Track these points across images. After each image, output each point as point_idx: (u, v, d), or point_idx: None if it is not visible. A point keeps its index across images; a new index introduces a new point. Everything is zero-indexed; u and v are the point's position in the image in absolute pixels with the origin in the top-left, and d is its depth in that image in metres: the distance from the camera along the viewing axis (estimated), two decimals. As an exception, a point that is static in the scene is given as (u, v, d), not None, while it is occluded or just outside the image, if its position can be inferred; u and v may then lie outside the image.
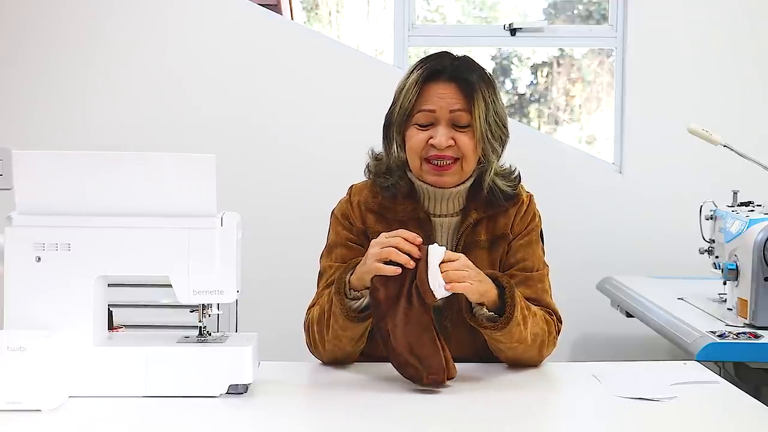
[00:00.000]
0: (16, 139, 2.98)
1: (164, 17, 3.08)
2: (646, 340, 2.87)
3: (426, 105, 1.70)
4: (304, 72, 3.09)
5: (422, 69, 1.73)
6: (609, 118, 3.36)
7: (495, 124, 1.72)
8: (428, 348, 1.53)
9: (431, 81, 1.71)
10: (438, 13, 3.96)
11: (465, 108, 1.69)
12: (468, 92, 1.69)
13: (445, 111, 1.69)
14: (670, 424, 1.39)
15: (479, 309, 1.62)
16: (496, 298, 1.60)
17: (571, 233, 3.07)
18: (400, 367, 1.54)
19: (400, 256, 1.52)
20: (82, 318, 1.45)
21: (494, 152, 1.73)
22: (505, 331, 1.59)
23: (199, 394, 1.45)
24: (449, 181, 1.73)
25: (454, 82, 1.70)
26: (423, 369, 1.51)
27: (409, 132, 1.73)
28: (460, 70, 1.71)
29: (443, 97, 1.70)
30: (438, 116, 1.70)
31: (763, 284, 2.03)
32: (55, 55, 3.06)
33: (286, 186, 3.09)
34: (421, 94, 1.71)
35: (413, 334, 1.53)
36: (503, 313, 1.60)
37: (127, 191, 1.46)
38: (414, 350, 1.52)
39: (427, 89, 1.71)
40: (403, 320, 1.53)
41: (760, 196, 2.37)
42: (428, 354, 1.52)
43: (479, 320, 1.61)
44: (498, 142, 1.74)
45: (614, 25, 3.21)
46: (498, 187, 1.76)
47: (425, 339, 1.53)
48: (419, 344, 1.52)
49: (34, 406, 1.36)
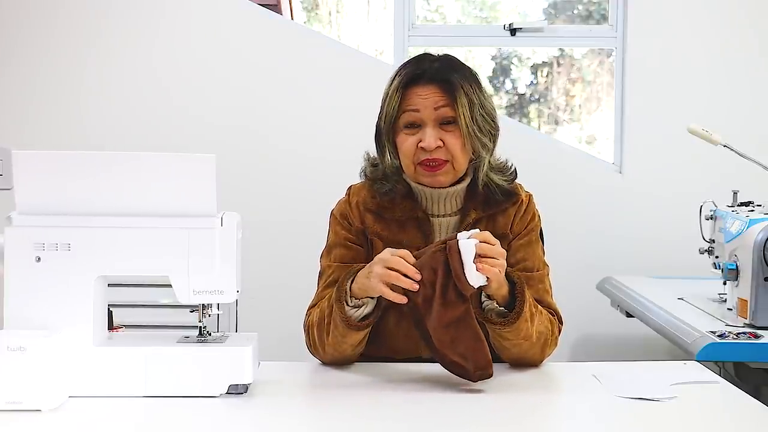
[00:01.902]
0: (16, 139, 2.98)
1: (164, 17, 3.08)
2: (646, 340, 2.87)
3: (409, 106, 1.71)
4: (304, 72, 3.09)
5: (402, 75, 1.73)
6: (609, 118, 3.37)
7: (482, 118, 1.71)
8: (471, 343, 1.53)
9: (412, 84, 1.71)
10: (438, 13, 3.96)
11: (449, 104, 1.69)
12: (449, 90, 1.69)
13: (430, 110, 1.69)
14: (670, 424, 1.39)
15: (489, 303, 1.62)
16: (507, 294, 1.61)
17: (571, 233, 3.07)
18: (447, 366, 1.54)
19: (403, 281, 1.52)
20: (82, 318, 1.45)
21: (484, 147, 1.73)
22: (513, 327, 1.59)
23: (199, 394, 1.45)
24: (443, 180, 1.73)
25: (434, 83, 1.70)
26: (469, 365, 1.52)
27: (399, 138, 1.73)
28: (440, 72, 1.71)
29: (426, 98, 1.70)
30: (424, 117, 1.70)
31: (763, 284, 2.03)
32: (56, 55, 3.06)
33: (285, 186, 3.09)
34: (404, 98, 1.71)
35: (455, 331, 1.53)
36: (512, 308, 1.60)
37: (127, 191, 1.46)
38: (458, 347, 1.52)
39: (409, 93, 1.71)
40: (442, 319, 1.52)
41: (760, 196, 2.37)
42: (472, 349, 1.52)
43: (488, 315, 1.61)
44: (487, 136, 1.73)
45: (614, 25, 3.21)
46: (494, 183, 1.76)
47: (468, 335, 1.53)
48: (462, 340, 1.52)
49: (34, 406, 1.36)
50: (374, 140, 1.79)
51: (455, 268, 1.51)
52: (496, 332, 1.62)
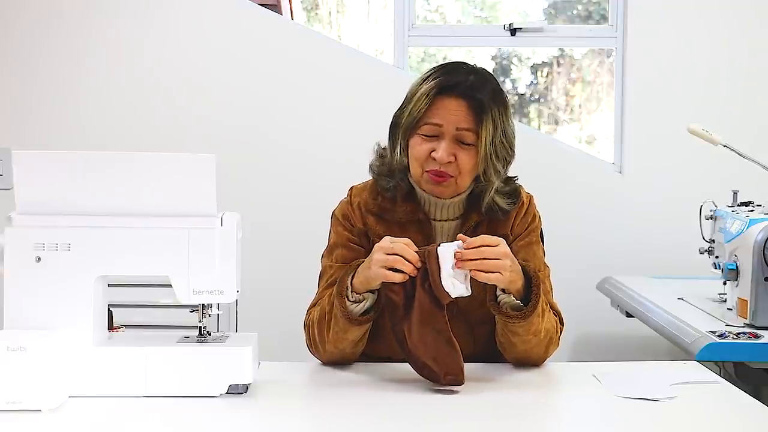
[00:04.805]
0: (16, 139, 2.98)
1: (164, 17, 3.08)
2: (646, 340, 2.87)
3: (434, 119, 1.68)
4: (304, 72, 3.09)
5: (436, 81, 1.69)
6: (609, 118, 3.36)
7: (501, 145, 1.70)
8: (444, 348, 1.53)
9: (443, 94, 1.68)
10: (438, 13, 3.96)
11: (472, 128, 1.67)
12: (478, 112, 1.67)
13: (452, 127, 1.68)
14: (670, 424, 1.39)
15: (504, 297, 1.61)
16: (521, 287, 1.61)
17: (571, 233, 3.07)
18: (418, 369, 1.55)
19: (405, 265, 1.53)
20: (82, 318, 1.45)
21: (496, 173, 1.72)
22: (527, 321, 1.60)
23: (199, 394, 1.45)
24: (445, 192, 1.73)
25: (465, 99, 1.67)
26: (440, 370, 1.52)
27: (414, 140, 1.72)
28: (474, 88, 1.68)
29: (452, 113, 1.67)
30: (444, 131, 1.68)
31: (763, 284, 2.03)
32: (56, 55, 3.06)
33: (286, 186, 3.09)
34: (431, 106, 1.69)
35: (429, 335, 1.53)
36: (528, 301, 1.60)
37: (127, 191, 1.46)
38: (430, 351, 1.53)
39: (438, 102, 1.69)
40: (418, 322, 1.53)
41: (760, 196, 2.37)
42: (444, 354, 1.53)
43: (503, 308, 1.61)
44: (502, 163, 1.72)
45: (614, 25, 3.21)
46: (497, 204, 1.75)
47: (441, 340, 1.53)
48: (435, 345, 1.53)
49: (34, 406, 1.37)
50: (389, 129, 1.78)
51: (433, 274, 1.52)
52: (508, 326, 1.62)
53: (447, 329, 1.54)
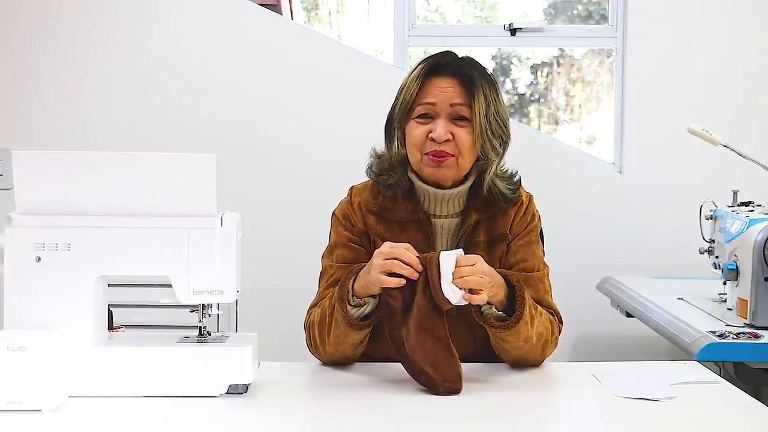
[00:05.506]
0: (16, 139, 2.98)
1: (164, 17, 3.08)
2: (646, 340, 2.87)
3: (426, 98, 1.71)
4: (305, 72, 3.09)
5: (424, 64, 1.74)
6: (609, 118, 3.36)
7: (495, 122, 1.72)
8: (443, 355, 1.53)
9: (433, 75, 1.72)
10: (438, 13, 3.96)
11: (465, 102, 1.70)
12: (469, 87, 1.70)
13: (446, 104, 1.70)
14: (670, 424, 1.39)
15: (488, 308, 1.62)
16: (504, 298, 1.61)
17: (571, 233, 3.07)
18: (415, 375, 1.54)
19: (403, 268, 1.53)
20: (82, 318, 1.45)
21: (494, 151, 1.73)
22: (513, 330, 1.59)
23: (199, 394, 1.45)
24: (447, 174, 1.73)
25: (455, 77, 1.71)
26: (438, 376, 1.51)
27: (409, 126, 1.73)
28: (462, 67, 1.73)
29: (444, 91, 1.70)
30: (438, 109, 1.70)
31: (763, 284, 2.03)
32: (56, 55, 3.06)
33: (286, 186, 3.09)
34: (422, 88, 1.72)
35: (427, 341, 1.53)
36: (512, 311, 1.60)
37: (127, 191, 1.46)
38: (429, 357, 1.52)
39: (429, 83, 1.72)
40: (417, 328, 1.53)
41: (760, 196, 2.37)
42: (443, 361, 1.52)
43: (487, 319, 1.61)
44: (498, 141, 1.73)
45: (614, 25, 3.21)
46: (498, 189, 1.76)
47: (440, 346, 1.53)
48: (434, 351, 1.53)
49: (34, 406, 1.37)
50: (384, 128, 1.80)
51: (433, 281, 1.52)
52: (497, 335, 1.62)
53: (446, 336, 1.54)
